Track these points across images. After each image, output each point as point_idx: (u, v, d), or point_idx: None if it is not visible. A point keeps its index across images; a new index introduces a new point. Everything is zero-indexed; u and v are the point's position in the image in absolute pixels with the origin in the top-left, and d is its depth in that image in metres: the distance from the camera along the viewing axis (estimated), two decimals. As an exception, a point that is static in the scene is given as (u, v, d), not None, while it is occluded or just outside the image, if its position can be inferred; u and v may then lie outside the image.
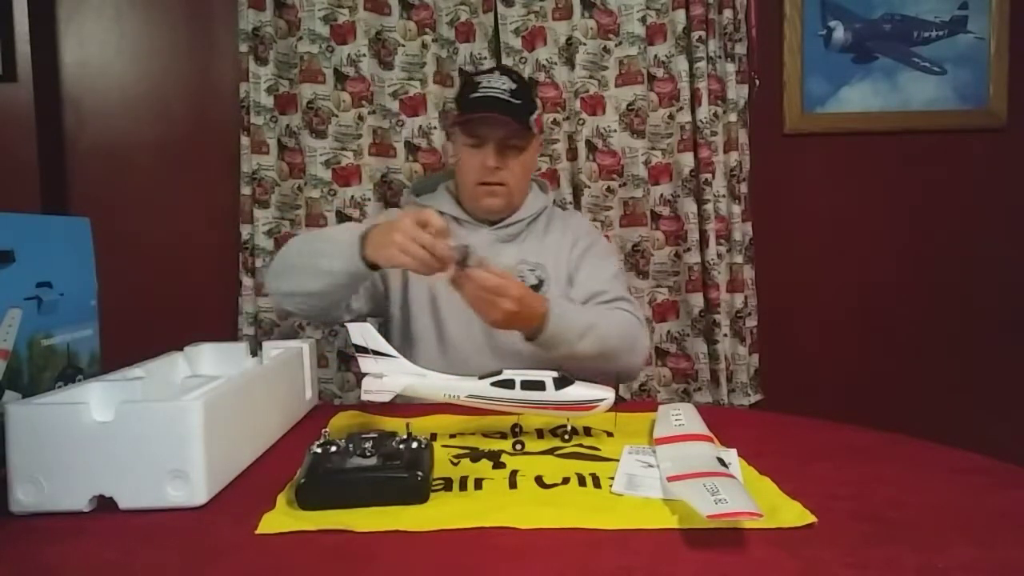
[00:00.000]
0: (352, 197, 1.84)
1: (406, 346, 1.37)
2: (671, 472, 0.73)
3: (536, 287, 1.36)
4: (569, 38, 1.85)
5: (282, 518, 0.67)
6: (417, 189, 1.54)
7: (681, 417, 0.93)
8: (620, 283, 1.41)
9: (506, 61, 1.86)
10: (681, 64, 1.82)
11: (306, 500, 0.68)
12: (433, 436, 0.92)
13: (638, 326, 1.30)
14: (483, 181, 1.35)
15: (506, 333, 1.19)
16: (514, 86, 1.35)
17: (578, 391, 0.89)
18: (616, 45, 1.86)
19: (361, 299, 1.34)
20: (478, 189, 1.36)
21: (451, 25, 1.86)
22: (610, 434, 0.93)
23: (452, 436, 0.94)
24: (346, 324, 0.94)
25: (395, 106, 1.85)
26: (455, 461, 0.83)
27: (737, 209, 1.87)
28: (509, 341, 1.23)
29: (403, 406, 1.10)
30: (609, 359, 1.21)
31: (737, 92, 1.86)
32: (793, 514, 0.65)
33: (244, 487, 0.76)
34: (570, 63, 1.85)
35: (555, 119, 1.84)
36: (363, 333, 0.92)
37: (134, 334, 1.29)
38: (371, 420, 1.03)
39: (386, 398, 0.91)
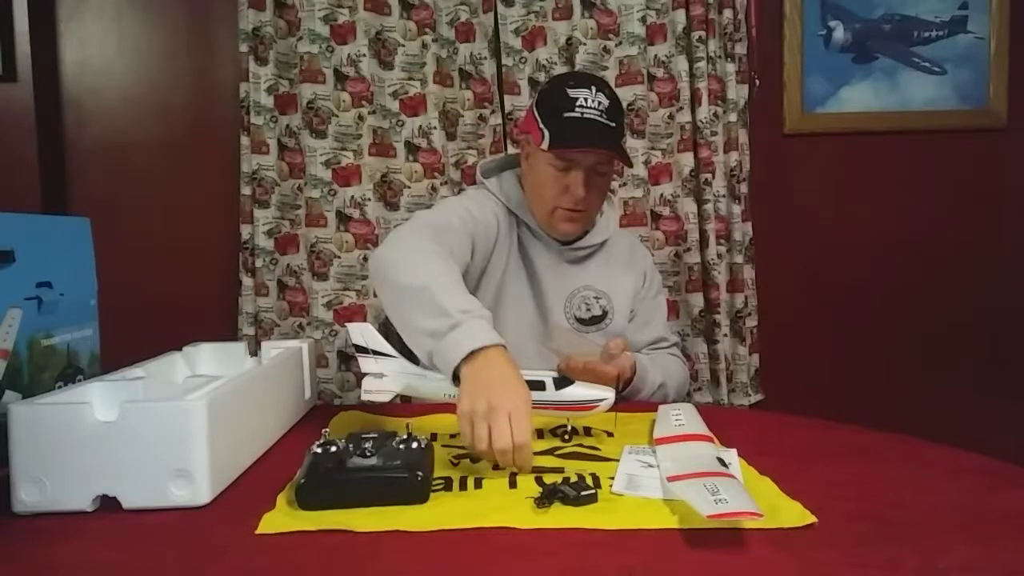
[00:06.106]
0: (352, 197, 1.84)
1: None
2: (671, 472, 0.73)
3: (600, 317, 1.32)
4: (569, 38, 1.85)
5: (282, 518, 0.67)
6: (484, 171, 1.38)
7: (681, 417, 0.93)
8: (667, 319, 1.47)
9: (506, 61, 1.87)
10: (681, 64, 1.82)
11: (306, 500, 0.68)
12: (433, 436, 0.92)
13: (687, 374, 1.39)
14: (565, 207, 1.24)
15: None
16: (607, 102, 1.21)
17: (578, 391, 0.89)
18: (616, 45, 1.86)
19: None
20: (556, 213, 1.25)
21: (451, 25, 1.86)
22: (610, 434, 0.93)
23: (452, 436, 0.94)
24: (346, 324, 0.94)
25: (395, 106, 1.85)
26: (455, 461, 0.83)
27: (737, 209, 1.87)
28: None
29: (403, 406, 1.10)
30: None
31: (737, 92, 1.86)
32: (793, 514, 0.65)
33: (244, 487, 0.76)
34: (570, 63, 1.85)
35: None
36: (363, 333, 0.92)
37: (134, 334, 1.29)
38: (371, 420, 1.03)
39: (386, 398, 0.91)
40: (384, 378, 0.91)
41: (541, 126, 1.23)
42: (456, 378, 0.85)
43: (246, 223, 1.84)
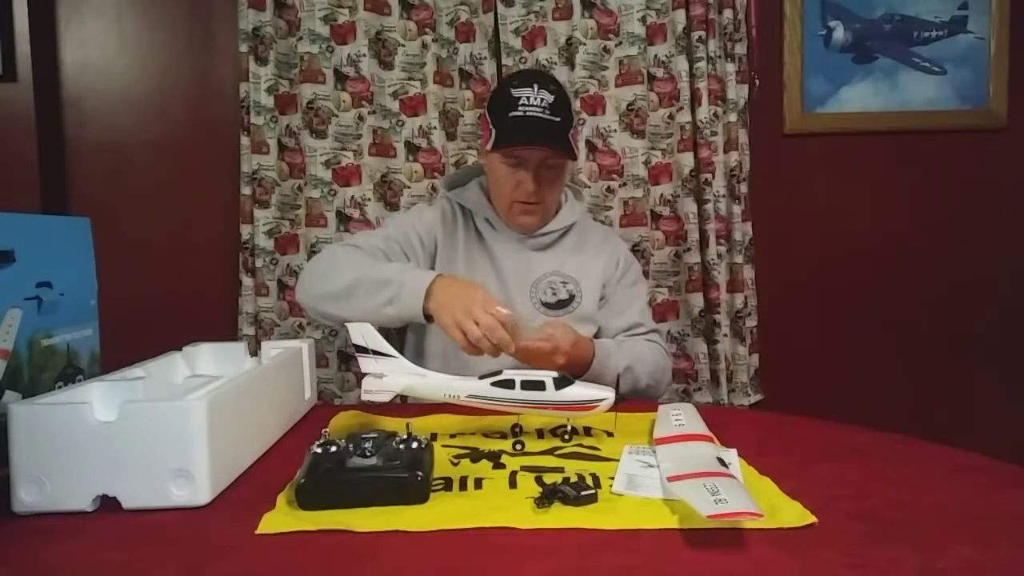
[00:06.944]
0: (352, 197, 1.85)
1: (416, 357, 1.34)
2: (671, 472, 0.73)
3: (566, 301, 1.36)
4: (569, 38, 1.85)
5: (282, 518, 0.67)
6: (450, 183, 1.47)
7: (681, 417, 0.93)
8: (648, 307, 1.46)
9: (506, 61, 1.87)
10: (681, 64, 1.82)
11: (306, 500, 0.68)
12: (433, 436, 0.92)
13: (666, 361, 1.38)
14: (519, 200, 1.32)
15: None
16: (552, 98, 1.27)
17: (578, 391, 0.89)
18: (616, 45, 1.86)
19: None
20: (514, 207, 1.33)
21: (451, 25, 1.86)
22: (610, 434, 0.93)
23: (452, 436, 0.94)
24: (346, 324, 0.94)
25: (395, 106, 1.85)
26: (455, 461, 0.83)
27: (737, 209, 1.87)
28: None
29: (403, 406, 1.10)
30: (637, 394, 1.28)
31: (737, 92, 1.86)
32: (793, 514, 0.65)
33: (244, 487, 0.76)
34: (570, 63, 1.86)
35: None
36: (363, 333, 0.92)
37: (134, 334, 1.29)
38: (371, 420, 1.03)
39: (386, 398, 0.91)
40: (384, 378, 0.91)
41: (490, 126, 1.31)
42: (428, 318, 1.08)
43: (246, 223, 1.84)
